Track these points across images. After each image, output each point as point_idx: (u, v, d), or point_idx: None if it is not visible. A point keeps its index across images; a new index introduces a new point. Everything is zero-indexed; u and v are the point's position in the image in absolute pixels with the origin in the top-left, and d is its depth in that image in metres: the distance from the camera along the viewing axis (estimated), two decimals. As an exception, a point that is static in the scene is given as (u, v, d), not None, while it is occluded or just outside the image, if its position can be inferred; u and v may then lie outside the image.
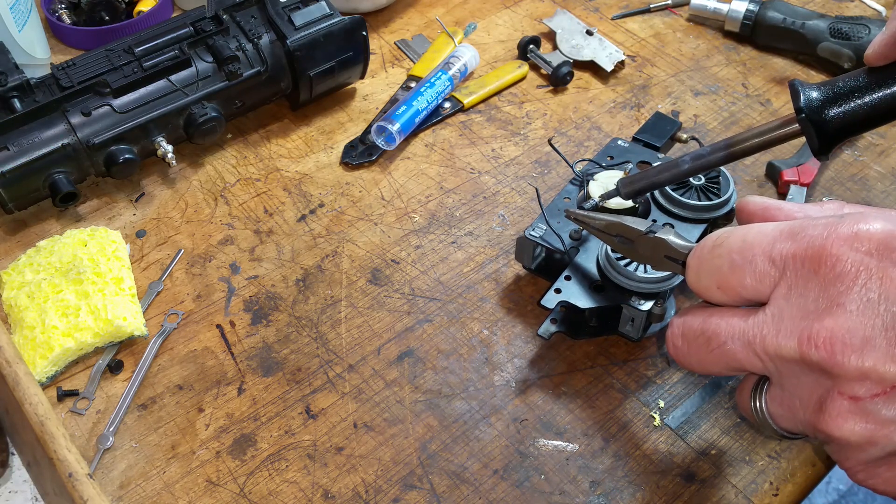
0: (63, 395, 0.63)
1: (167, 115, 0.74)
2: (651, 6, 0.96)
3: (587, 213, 0.61)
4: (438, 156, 0.81)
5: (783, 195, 0.76)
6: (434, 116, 0.83)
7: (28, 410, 0.53)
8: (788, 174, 0.75)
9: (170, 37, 0.76)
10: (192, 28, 0.76)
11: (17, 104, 0.70)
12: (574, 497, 0.57)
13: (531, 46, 0.89)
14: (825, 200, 0.72)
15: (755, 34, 0.90)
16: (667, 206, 0.67)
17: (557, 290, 0.63)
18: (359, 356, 0.65)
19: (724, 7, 0.91)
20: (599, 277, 0.63)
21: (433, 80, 0.83)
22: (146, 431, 0.61)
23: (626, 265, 0.62)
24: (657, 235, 0.54)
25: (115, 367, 0.65)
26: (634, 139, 0.75)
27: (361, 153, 0.80)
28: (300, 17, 0.78)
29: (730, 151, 0.57)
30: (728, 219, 0.67)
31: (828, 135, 0.51)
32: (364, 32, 0.80)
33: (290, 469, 0.59)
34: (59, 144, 0.71)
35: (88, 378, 0.64)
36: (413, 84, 0.86)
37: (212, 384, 0.64)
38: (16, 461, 0.60)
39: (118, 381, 0.64)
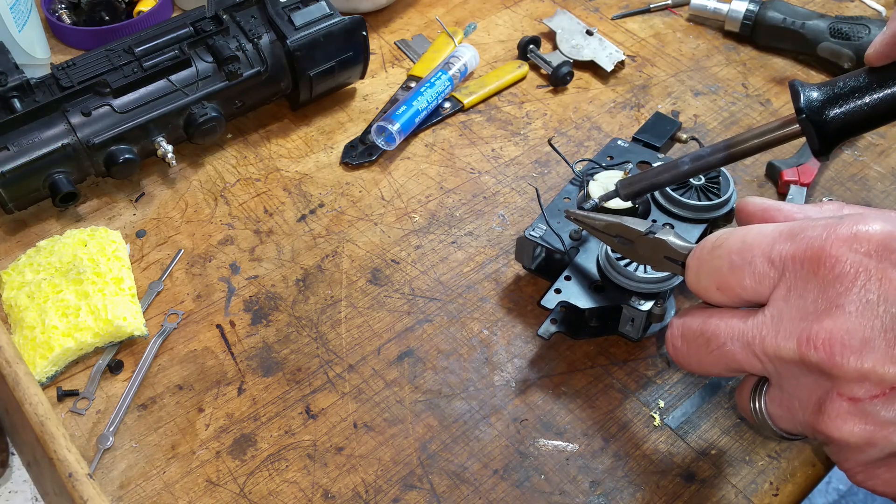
0: (63, 395, 0.63)
1: (167, 115, 0.74)
2: (651, 6, 0.96)
3: (587, 214, 0.61)
4: (438, 156, 0.81)
5: (783, 195, 0.76)
6: (434, 116, 0.83)
7: (28, 410, 0.53)
8: (788, 174, 0.75)
9: (170, 37, 0.76)
10: (192, 28, 0.76)
11: (17, 104, 0.70)
12: (574, 497, 0.57)
13: (531, 46, 0.89)
14: (825, 201, 0.72)
15: (755, 34, 0.90)
16: (667, 207, 0.67)
17: (557, 291, 0.63)
18: (359, 356, 0.65)
19: (724, 7, 0.91)
20: (599, 277, 0.63)
21: (433, 80, 0.83)
22: (146, 431, 0.61)
23: (626, 265, 0.62)
24: (657, 236, 0.54)
25: (115, 367, 0.65)
26: (634, 139, 0.75)
27: (361, 153, 0.80)
28: (300, 17, 0.78)
29: (729, 152, 0.57)
30: (728, 219, 0.67)
31: (828, 135, 0.51)
32: (364, 32, 0.80)
33: (290, 469, 0.59)
34: (59, 144, 0.71)
35: (88, 378, 0.64)
36: (413, 84, 0.86)
37: (212, 384, 0.64)
38: (16, 461, 0.60)
39: (118, 381, 0.64)
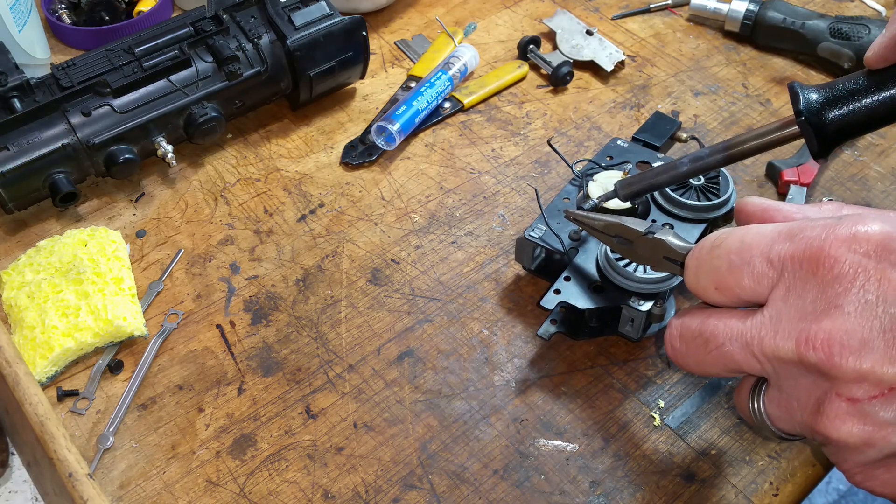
0: (63, 395, 0.63)
1: (167, 115, 0.74)
2: (651, 6, 0.96)
3: (586, 214, 0.61)
4: (438, 156, 0.81)
5: (783, 195, 0.76)
6: (434, 116, 0.83)
7: (28, 410, 0.53)
8: (788, 174, 0.75)
9: (170, 37, 0.76)
10: (192, 28, 0.76)
11: (17, 104, 0.71)
12: (574, 497, 0.57)
13: (531, 46, 0.89)
14: (824, 201, 0.72)
15: (755, 34, 0.90)
16: (666, 207, 0.67)
17: (557, 291, 0.63)
18: (359, 356, 0.65)
19: (724, 7, 0.91)
20: (599, 278, 0.63)
21: (433, 80, 0.83)
22: (146, 431, 0.61)
23: (626, 266, 0.62)
24: (656, 236, 0.54)
25: (115, 367, 0.65)
26: (634, 139, 0.75)
27: (361, 153, 0.80)
28: (300, 17, 0.78)
29: (728, 153, 0.57)
30: (727, 219, 0.67)
31: (827, 137, 0.51)
32: (364, 32, 0.80)
33: (290, 469, 0.59)
34: (59, 144, 0.71)
35: (88, 378, 0.64)
36: (413, 84, 0.86)
37: (212, 384, 0.64)
38: (16, 461, 0.60)
39: (118, 381, 0.64)
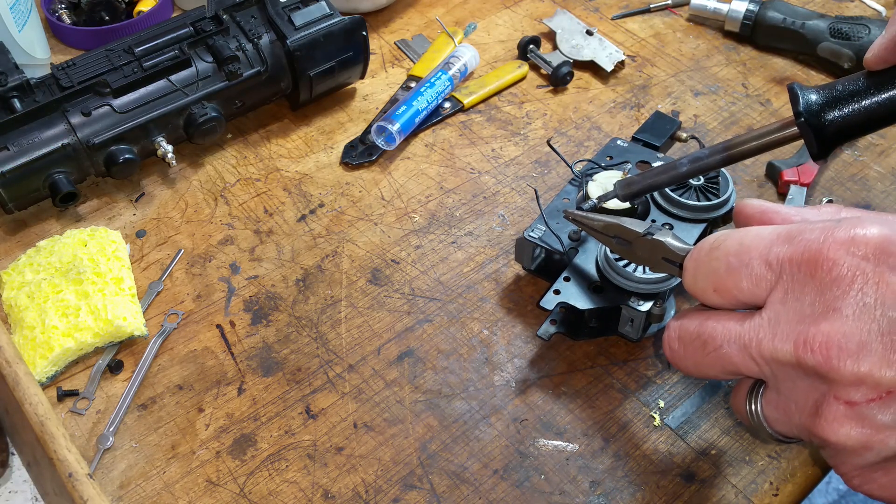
0: (63, 395, 0.63)
1: (167, 115, 0.74)
2: (651, 6, 0.96)
3: (585, 214, 0.61)
4: (438, 156, 0.81)
5: (783, 195, 0.76)
6: (434, 116, 0.83)
7: (28, 410, 0.53)
8: (788, 174, 0.75)
9: (170, 37, 0.76)
10: (192, 28, 0.76)
11: (17, 104, 0.71)
12: (574, 497, 0.57)
13: (531, 46, 0.89)
14: (823, 204, 0.72)
15: (755, 34, 0.90)
16: (666, 207, 0.67)
17: (556, 291, 0.63)
18: (359, 356, 0.65)
19: (724, 7, 0.91)
20: (598, 278, 0.63)
21: (433, 80, 0.83)
22: (146, 431, 0.61)
23: (625, 266, 0.62)
24: (655, 237, 0.54)
25: (115, 367, 0.65)
26: (634, 139, 0.75)
27: (361, 153, 0.80)
28: (300, 17, 0.78)
29: (728, 154, 0.57)
30: (727, 219, 0.67)
31: (826, 139, 0.51)
32: (364, 32, 0.80)
33: (290, 469, 0.59)
34: (59, 144, 0.71)
35: (88, 378, 0.64)
36: (413, 84, 0.86)
37: (212, 384, 0.64)
38: (16, 461, 0.60)
39: (118, 381, 0.64)
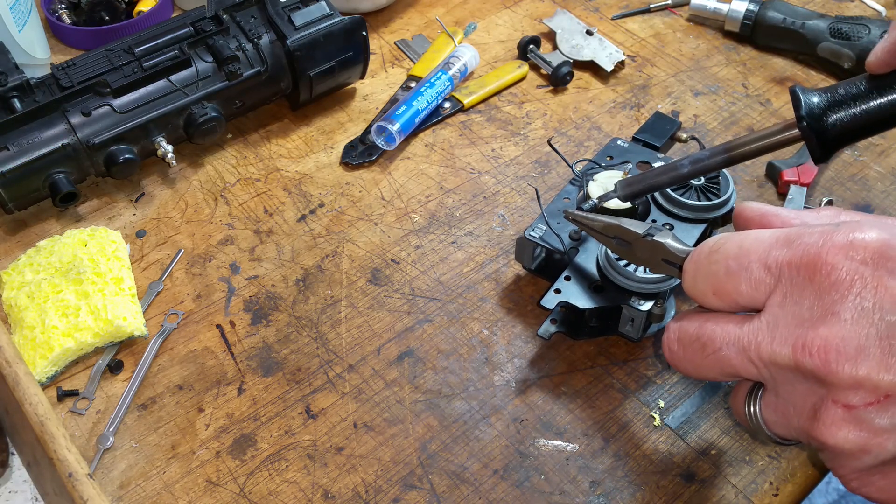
0: (63, 395, 0.63)
1: (167, 115, 0.74)
2: (651, 6, 0.96)
3: (585, 215, 0.61)
4: (438, 156, 0.81)
5: (783, 195, 0.76)
6: (434, 116, 0.83)
7: (28, 410, 0.53)
8: (788, 174, 0.75)
9: (170, 37, 0.76)
10: (192, 28, 0.76)
11: (17, 104, 0.71)
12: (574, 497, 0.57)
13: (531, 46, 0.89)
14: (822, 206, 0.72)
15: (755, 34, 0.90)
16: (666, 207, 0.67)
17: (557, 291, 0.63)
18: (359, 356, 0.65)
19: (724, 7, 0.91)
20: (599, 278, 0.63)
21: (433, 80, 0.83)
22: (146, 431, 0.61)
23: (626, 265, 0.62)
24: (655, 239, 0.54)
25: (115, 367, 0.65)
26: (634, 139, 0.75)
27: (361, 153, 0.80)
28: (300, 17, 0.78)
29: (729, 155, 0.57)
30: (728, 219, 0.67)
31: (828, 142, 0.51)
32: (364, 32, 0.80)
33: (290, 469, 0.59)
34: (59, 144, 0.71)
35: (88, 378, 0.64)
36: (413, 84, 0.86)
37: (212, 384, 0.64)
38: (16, 461, 0.60)
39: (118, 381, 0.64)
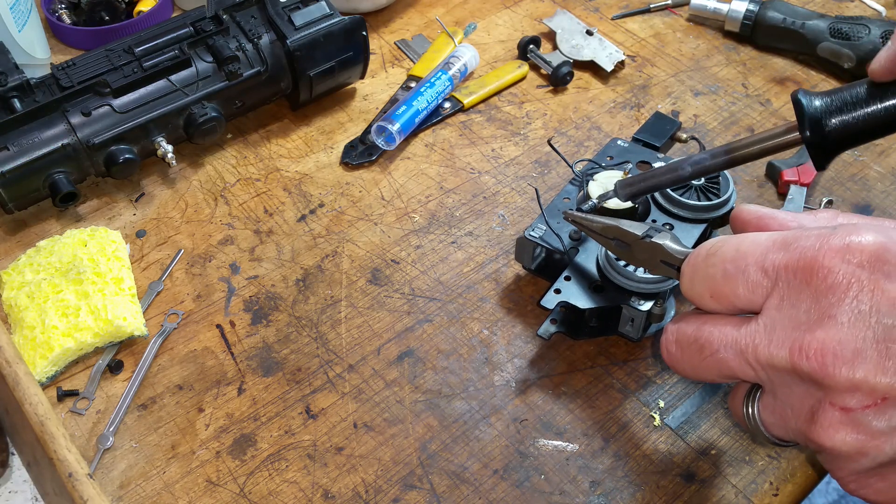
0: (63, 395, 0.63)
1: (167, 115, 0.74)
2: (651, 6, 0.96)
3: (584, 216, 0.61)
4: (438, 156, 0.81)
5: (783, 195, 0.76)
6: (434, 116, 0.83)
7: (28, 410, 0.53)
8: (788, 174, 0.75)
9: (170, 37, 0.76)
10: (192, 28, 0.76)
11: (17, 104, 0.70)
12: (574, 497, 0.57)
13: (531, 46, 0.89)
14: (820, 209, 0.72)
15: (755, 34, 0.90)
16: (666, 207, 0.67)
17: (557, 291, 0.63)
18: (359, 356, 0.65)
19: (724, 7, 0.91)
20: (599, 278, 0.63)
21: (433, 80, 0.83)
22: (146, 431, 0.61)
23: (626, 266, 0.62)
24: (653, 240, 0.54)
25: (115, 367, 0.65)
26: (634, 139, 0.75)
27: (361, 153, 0.80)
28: (300, 17, 0.78)
29: (731, 157, 0.57)
30: (727, 219, 0.67)
31: (830, 150, 0.51)
32: (364, 32, 0.80)
33: (290, 469, 0.59)
34: (59, 144, 0.71)
35: (88, 378, 0.64)
36: (413, 84, 0.86)
37: (212, 384, 0.64)
38: (16, 461, 0.60)
39: (118, 381, 0.64)
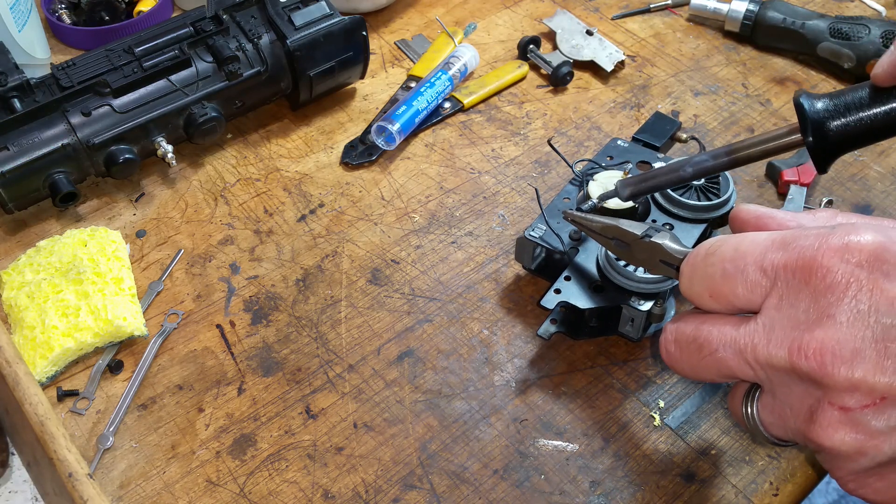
0: (63, 395, 0.63)
1: (167, 115, 0.74)
2: (651, 6, 0.96)
3: (584, 216, 0.61)
4: (438, 156, 0.81)
5: (783, 195, 0.76)
6: (434, 116, 0.83)
7: (28, 410, 0.53)
8: (788, 174, 0.75)
9: (170, 37, 0.76)
10: (192, 28, 0.76)
11: (17, 104, 0.70)
12: (574, 497, 0.57)
13: (531, 46, 0.89)
14: (819, 209, 0.72)
15: (755, 34, 0.90)
16: (666, 207, 0.67)
17: (557, 291, 0.63)
18: (359, 356, 0.65)
19: (724, 7, 0.91)
20: (599, 278, 0.63)
21: (433, 80, 0.83)
22: (146, 431, 0.61)
23: (626, 265, 0.62)
24: (653, 240, 0.54)
25: (115, 367, 0.65)
26: (634, 139, 0.75)
27: (361, 153, 0.80)
28: (300, 17, 0.78)
29: (732, 158, 0.57)
30: (727, 219, 0.67)
31: (832, 154, 0.51)
32: (364, 32, 0.80)
33: (290, 469, 0.59)
34: (59, 144, 0.71)
35: (88, 378, 0.64)
36: (413, 84, 0.86)
37: (212, 384, 0.64)
38: (16, 461, 0.60)
39: (118, 381, 0.64)
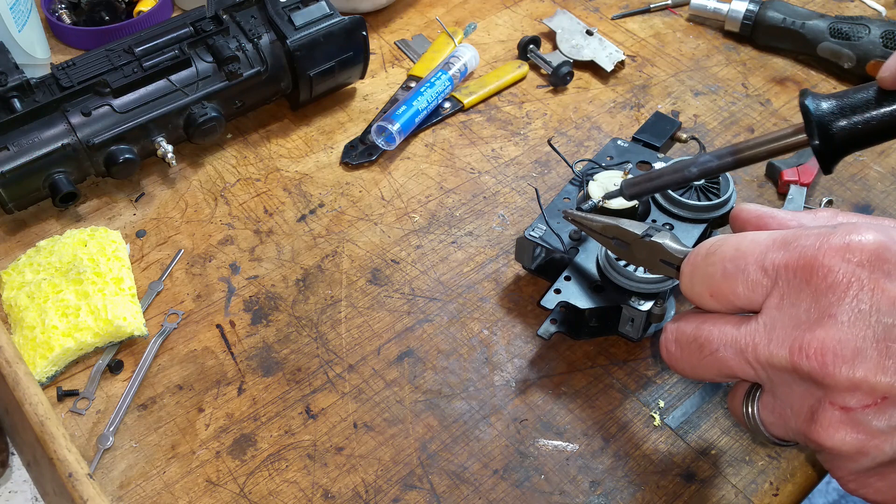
0: (63, 395, 0.63)
1: (167, 115, 0.74)
2: (651, 6, 0.96)
3: (584, 215, 0.61)
4: (438, 156, 0.81)
5: (783, 195, 0.76)
6: (434, 116, 0.83)
7: (28, 410, 0.53)
8: (788, 174, 0.75)
9: (170, 37, 0.76)
10: (192, 28, 0.76)
11: (17, 104, 0.71)
12: (574, 497, 0.57)
13: (531, 46, 0.89)
14: (820, 208, 0.72)
15: (755, 34, 0.90)
16: (666, 206, 0.67)
17: (557, 291, 0.63)
18: (359, 356, 0.65)
19: (724, 7, 0.91)
20: (599, 278, 0.63)
21: (433, 80, 0.83)
22: (146, 431, 0.61)
23: (626, 265, 0.62)
24: (653, 239, 0.54)
25: (115, 367, 0.65)
26: (634, 139, 0.75)
27: (361, 153, 0.80)
28: (300, 17, 0.78)
29: (737, 158, 0.57)
30: (727, 219, 0.67)
31: (836, 153, 0.51)
32: (364, 32, 0.80)
33: (290, 469, 0.59)
34: (59, 144, 0.71)
35: (88, 378, 0.64)
36: (413, 84, 0.86)
37: (212, 384, 0.64)
38: (16, 461, 0.60)
39: (118, 381, 0.64)
